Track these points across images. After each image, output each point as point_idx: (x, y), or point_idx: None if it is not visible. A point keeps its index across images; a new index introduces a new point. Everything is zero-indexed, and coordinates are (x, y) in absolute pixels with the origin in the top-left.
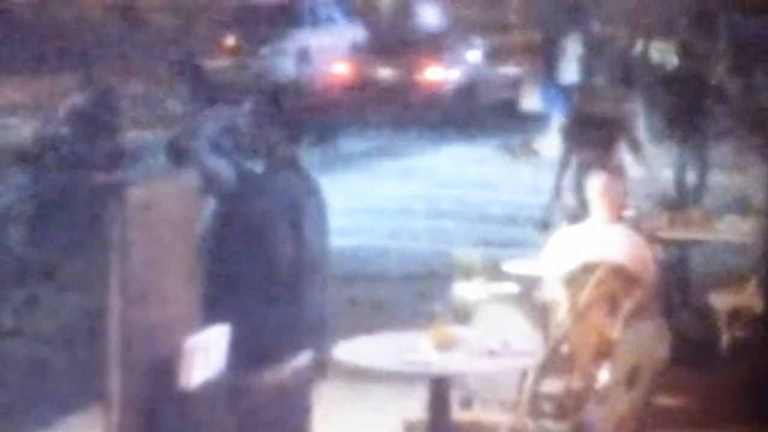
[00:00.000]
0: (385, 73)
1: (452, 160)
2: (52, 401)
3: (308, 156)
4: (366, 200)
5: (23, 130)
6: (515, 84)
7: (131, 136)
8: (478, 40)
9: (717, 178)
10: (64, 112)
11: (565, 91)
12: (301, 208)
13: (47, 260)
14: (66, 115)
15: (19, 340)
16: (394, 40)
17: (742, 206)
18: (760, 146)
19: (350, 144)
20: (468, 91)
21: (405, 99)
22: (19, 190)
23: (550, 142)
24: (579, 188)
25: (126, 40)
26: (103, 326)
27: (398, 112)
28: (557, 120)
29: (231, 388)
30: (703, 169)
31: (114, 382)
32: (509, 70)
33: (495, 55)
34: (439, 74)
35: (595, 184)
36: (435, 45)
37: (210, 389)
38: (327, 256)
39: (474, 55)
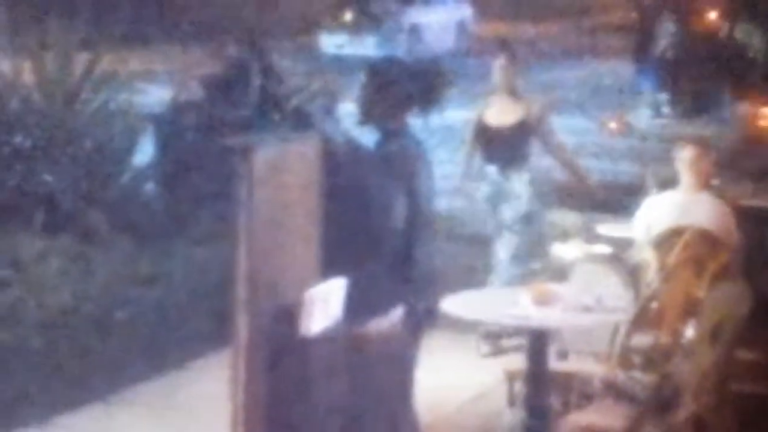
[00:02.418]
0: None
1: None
2: (185, 344)
3: (416, 124)
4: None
5: (161, 95)
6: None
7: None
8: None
9: None
10: (200, 80)
11: (658, 68)
12: (411, 173)
13: (182, 216)
14: (202, 83)
15: (156, 287)
16: None
17: None
18: None
19: (456, 114)
20: None
21: None
22: (157, 150)
23: (642, 115)
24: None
25: (252, 15)
26: (232, 276)
27: None
28: (650, 94)
29: (347, 336)
30: None
31: (242, 327)
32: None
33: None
34: None
35: (685, 155)
36: None
37: (328, 336)
38: (434, 216)
39: None
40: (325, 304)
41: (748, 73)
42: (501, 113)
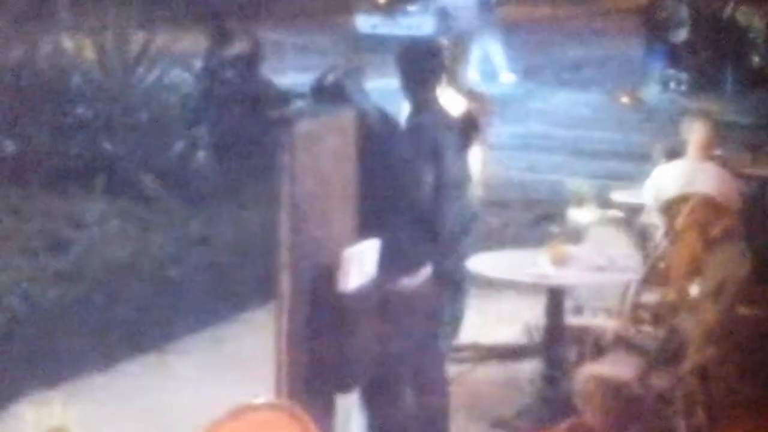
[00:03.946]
0: None
1: (567, 103)
2: (233, 299)
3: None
4: (492, 137)
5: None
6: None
7: (300, 78)
8: None
9: None
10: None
11: (666, 48)
12: (440, 143)
13: (230, 182)
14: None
15: (206, 247)
16: None
17: None
18: None
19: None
20: None
21: None
22: (207, 123)
23: (652, 90)
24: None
25: None
26: (276, 238)
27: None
28: (658, 71)
29: (380, 291)
30: None
31: (285, 284)
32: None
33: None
34: None
35: (691, 127)
36: None
37: (363, 292)
38: (465, 184)
39: None
40: (360, 263)
41: (748, 53)
42: None
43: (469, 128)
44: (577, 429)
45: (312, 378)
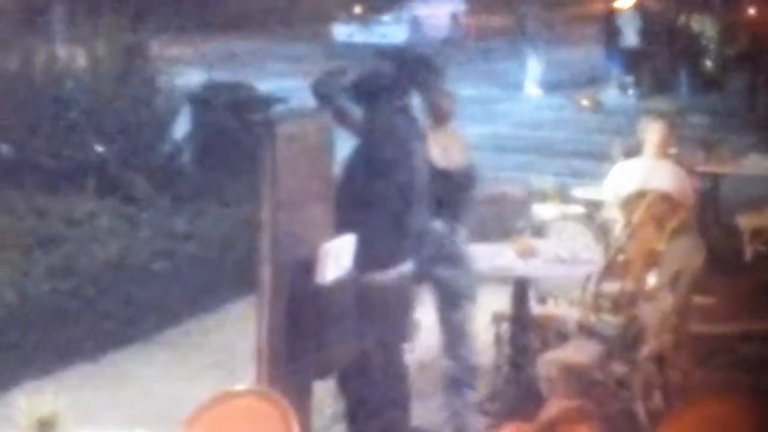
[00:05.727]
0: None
1: (531, 106)
2: (216, 291)
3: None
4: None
5: (192, 78)
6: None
7: (279, 84)
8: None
9: (743, 123)
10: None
11: (625, 54)
12: (411, 146)
13: (214, 180)
14: None
15: (191, 243)
16: None
17: (761, 147)
18: None
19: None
20: None
21: None
22: (192, 124)
23: (611, 93)
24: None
25: (273, 8)
26: (257, 233)
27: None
28: (617, 77)
29: (356, 285)
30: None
31: (265, 277)
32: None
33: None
34: None
35: (648, 127)
36: None
37: (340, 285)
38: (426, 185)
39: None
40: (337, 257)
41: (701, 58)
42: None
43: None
44: (568, 414)
45: (291, 366)
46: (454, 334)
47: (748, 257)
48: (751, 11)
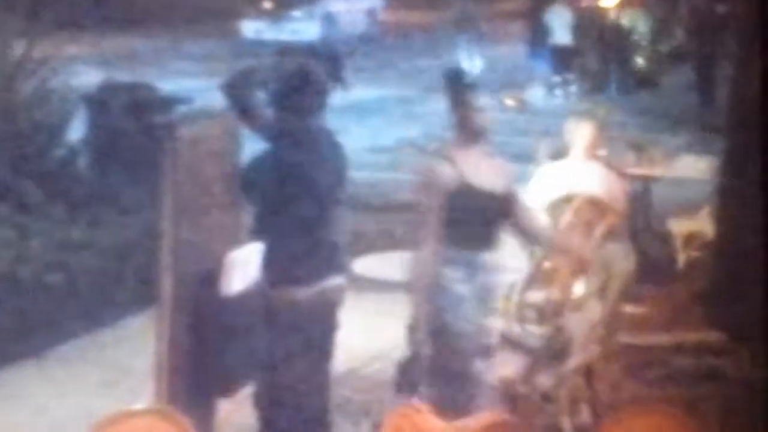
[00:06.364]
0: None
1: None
2: (113, 305)
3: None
4: (381, 139)
5: (90, 77)
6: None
7: (183, 84)
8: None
9: (675, 124)
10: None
11: (551, 51)
12: (325, 151)
13: (112, 186)
14: None
15: (87, 253)
16: None
17: (695, 148)
18: (710, 101)
19: (367, 93)
20: None
21: None
22: (88, 126)
23: (537, 93)
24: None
25: (177, 3)
26: (158, 242)
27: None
28: (544, 74)
29: (266, 300)
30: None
31: (166, 289)
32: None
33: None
34: None
35: (575, 128)
36: None
37: (247, 297)
38: (345, 192)
39: None
40: (243, 267)
41: (632, 55)
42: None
43: None
44: (492, 429)
45: (193, 383)
46: None
47: (681, 264)
48: (686, 5)
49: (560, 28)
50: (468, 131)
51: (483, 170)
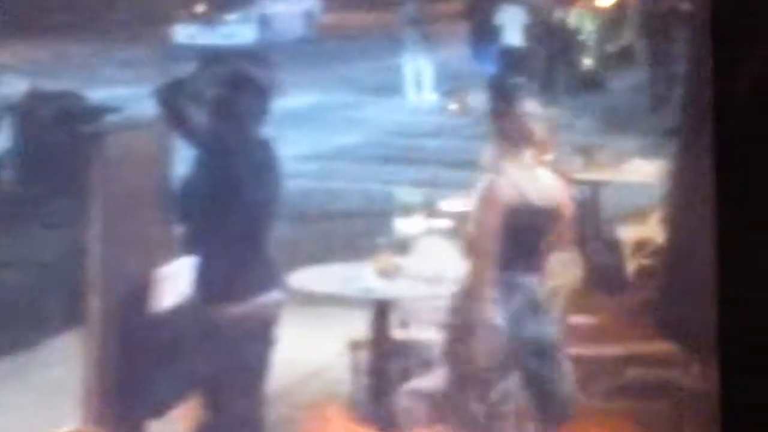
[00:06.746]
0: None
1: (397, 111)
2: (39, 324)
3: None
4: (320, 147)
5: (17, 86)
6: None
7: (112, 92)
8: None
9: (623, 126)
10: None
11: (495, 52)
12: (258, 162)
13: (38, 199)
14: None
15: (11, 269)
16: None
17: (644, 151)
18: (662, 101)
19: (303, 99)
20: None
21: None
22: (13, 137)
23: (482, 96)
24: None
25: (105, 7)
26: (85, 257)
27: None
28: (488, 76)
29: (199, 317)
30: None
31: (93, 306)
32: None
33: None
34: None
35: None
36: None
37: (178, 314)
38: (279, 203)
39: None
40: (174, 282)
41: (579, 55)
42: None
43: None
44: None
45: (122, 404)
46: None
47: (631, 272)
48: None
49: (511, 28)
50: (515, 140)
51: (535, 183)
